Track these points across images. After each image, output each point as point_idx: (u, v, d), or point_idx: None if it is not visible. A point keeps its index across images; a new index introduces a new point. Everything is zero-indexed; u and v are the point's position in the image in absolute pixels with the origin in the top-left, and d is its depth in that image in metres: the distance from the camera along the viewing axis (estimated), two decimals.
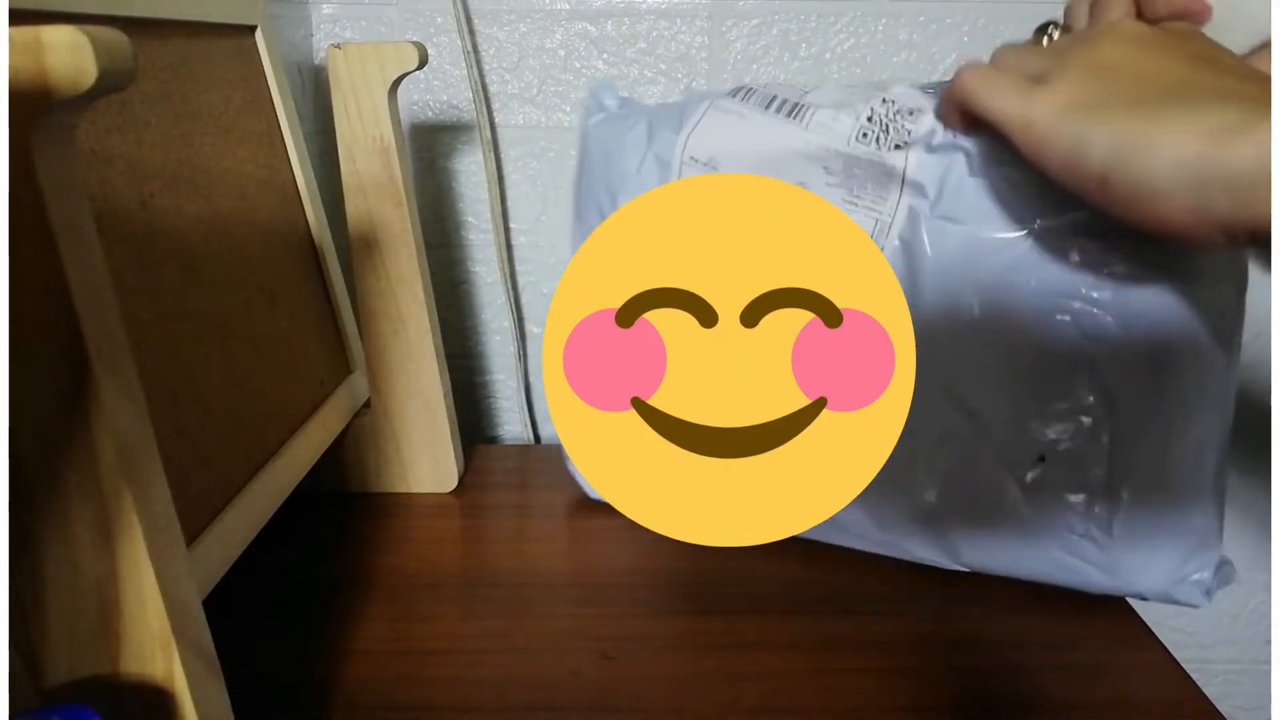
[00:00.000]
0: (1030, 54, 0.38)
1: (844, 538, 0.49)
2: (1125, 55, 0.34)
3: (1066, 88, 0.34)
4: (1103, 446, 0.41)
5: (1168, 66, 0.33)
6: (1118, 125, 0.32)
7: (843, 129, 0.44)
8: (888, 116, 0.43)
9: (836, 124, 0.44)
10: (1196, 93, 0.32)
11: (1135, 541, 0.43)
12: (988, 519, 0.44)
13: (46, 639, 0.28)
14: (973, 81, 0.38)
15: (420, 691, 0.41)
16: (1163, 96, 0.32)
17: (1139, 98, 0.33)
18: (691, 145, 0.47)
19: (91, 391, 0.26)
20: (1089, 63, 0.35)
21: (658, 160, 0.48)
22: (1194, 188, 0.31)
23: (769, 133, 0.45)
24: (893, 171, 0.43)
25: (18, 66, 0.23)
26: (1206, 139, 0.30)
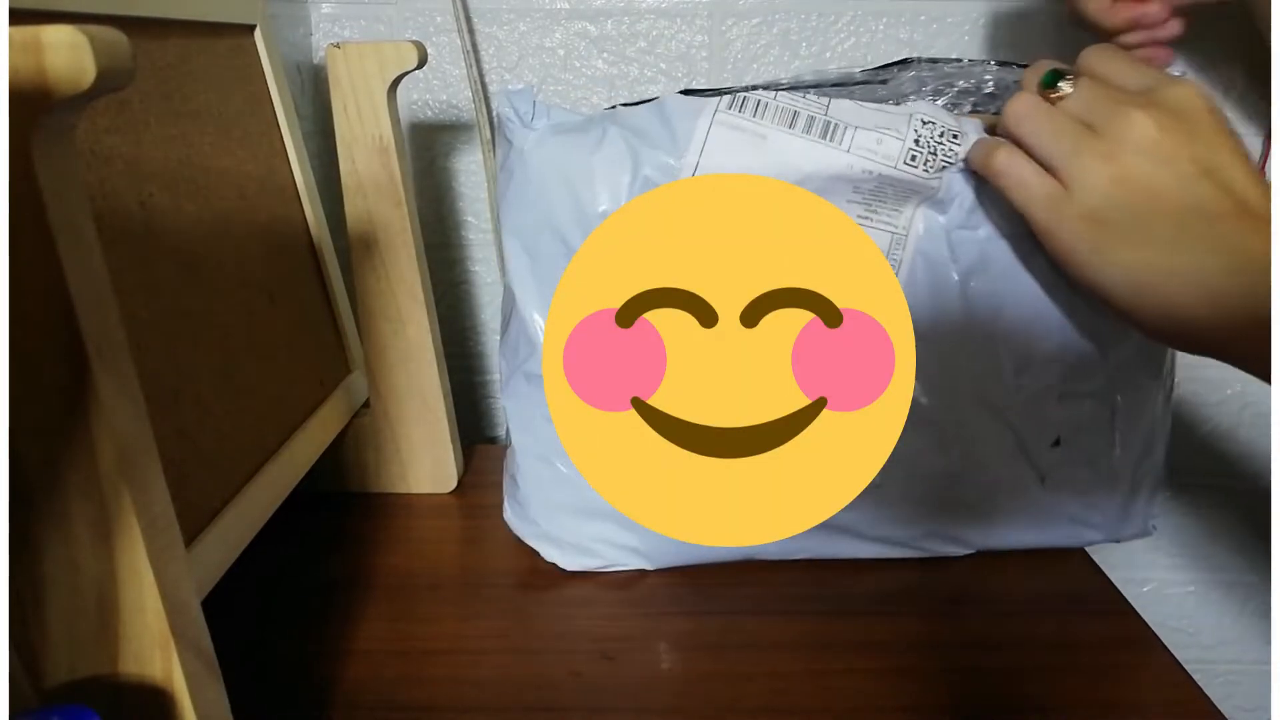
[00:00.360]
0: (1054, 133, 0.38)
1: (853, 546, 0.48)
2: (1160, 184, 0.36)
3: (1092, 206, 0.37)
4: (1106, 423, 0.47)
5: (1179, 189, 0.36)
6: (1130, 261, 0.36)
7: (891, 152, 0.42)
8: (934, 139, 0.43)
9: (883, 147, 0.42)
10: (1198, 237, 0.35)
11: (1126, 499, 0.49)
12: (1008, 504, 0.48)
13: (46, 639, 0.28)
14: (1001, 165, 0.39)
15: (420, 692, 0.41)
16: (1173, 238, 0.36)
17: (1149, 234, 0.36)
18: (703, 170, 0.42)
19: (90, 391, 0.26)
20: (1118, 181, 0.36)
21: (651, 184, 0.43)
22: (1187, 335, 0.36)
23: (804, 156, 0.42)
24: (922, 189, 0.42)
25: (17, 66, 0.22)
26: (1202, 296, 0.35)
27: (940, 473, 0.46)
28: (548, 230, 0.44)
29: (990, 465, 0.46)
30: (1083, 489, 0.48)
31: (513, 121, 0.44)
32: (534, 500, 0.48)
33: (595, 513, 0.46)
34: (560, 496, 0.47)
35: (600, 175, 0.43)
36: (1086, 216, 0.37)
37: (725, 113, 0.43)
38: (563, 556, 0.48)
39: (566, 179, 0.43)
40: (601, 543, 0.47)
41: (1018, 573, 0.49)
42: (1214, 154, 0.36)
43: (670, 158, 0.43)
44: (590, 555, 0.48)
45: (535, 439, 0.47)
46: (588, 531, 0.47)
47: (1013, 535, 0.49)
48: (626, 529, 0.47)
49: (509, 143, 0.44)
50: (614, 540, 0.47)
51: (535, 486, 0.48)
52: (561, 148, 0.43)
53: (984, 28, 0.66)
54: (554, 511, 0.48)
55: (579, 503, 0.46)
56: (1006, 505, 0.48)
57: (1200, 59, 0.67)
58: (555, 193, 0.43)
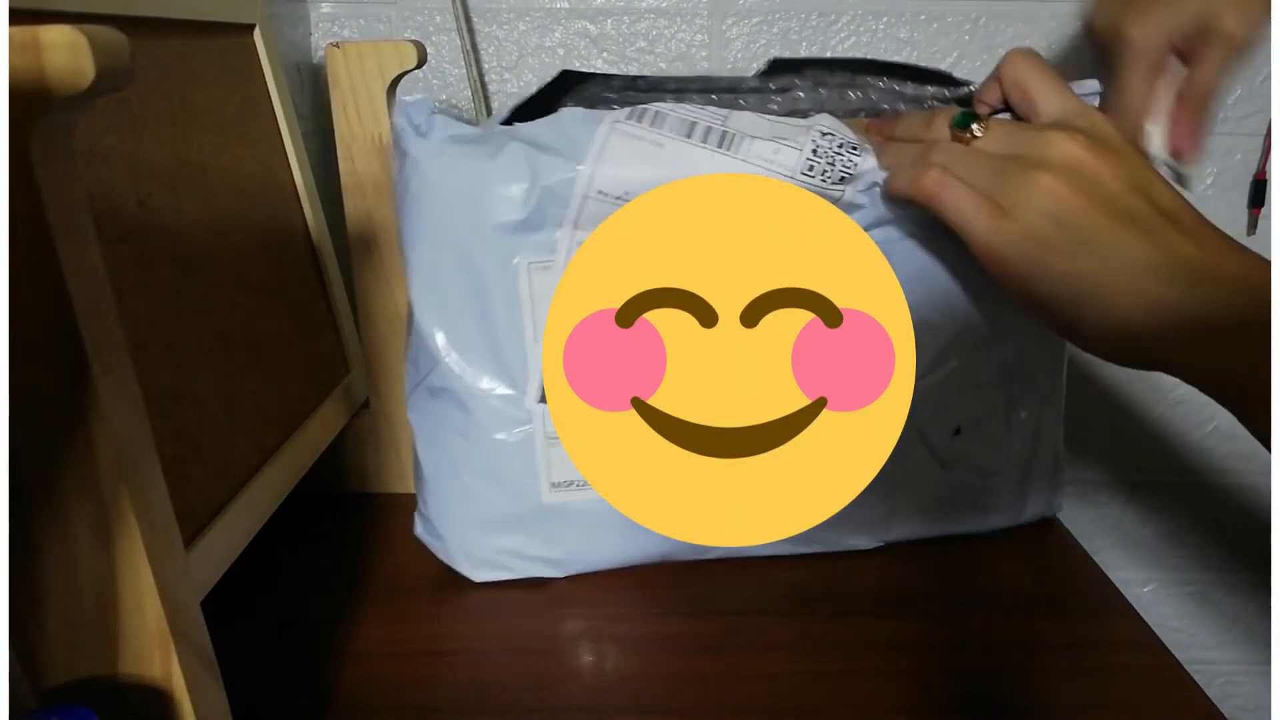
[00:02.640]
0: (981, 160, 0.39)
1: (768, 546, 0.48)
2: (1094, 196, 0.36)
3: (1031, 222, 0.37)
4: (1003, 411, 0.49)
5: (1110, 203, 0.36)
6: (1069, 275, 0.36)
7: (788, 161, 0.41)
8: (832, 150, 0.42)
9: (780, 156, 0.41)
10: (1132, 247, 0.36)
11: (1024, 482, 0.51)
12: (911, 494, 0.49)
13: (45, 640, 0.28)
14: (932, 187, 0.39)
15: (420, 692, 0.41)
16: (1108, 250, 0.36)
17: (1086, 247, 0.36)
18: (600, 178, 0.41)
19: (89, 392, 0.26)
20: (1054, 197, 0.36)
21: (550, 194, 0.42)
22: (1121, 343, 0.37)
23: (699, 164, 0.41)
24: (834, 200, 0.42)
25: (16, 66, 0.22)
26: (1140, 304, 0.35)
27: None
28: (446, 242, 0.43)
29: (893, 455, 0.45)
30: (983, 475, 0.50)
31: (407, 131, 0.43)
32: (441, 515, 0.47)
33: (502, 525, 0.46)
34: (467, 511, 0.47)
35: (498, 185, 0.42)
36: (1025, 234, 0.37)
37: (623, 123, 0.42)
38: (473, 570, 0.48)
39: (463, 190, 0.42)
40: (509, 555, 0.47)
41: (1018, 573, 0.49)
42: (1138, 172, 0.37)
43: (567, 168, 0.41)
44: (499, 568, 0.47)
45: (441, 453, 0.46)
46: (495, 544, 0.47)
47: (918, 525, 0.50)
48: (534, 539, 0.47)
49: (405, 153, 0.43)
50: (522, 551, 0.47)
51: (442, 501, 0.47)
52: (458, 158, 0.42)
53: (984, 27, 0.66)
54: (461, 526, 0.47)
55: (486, 516, 0.46)
56: (910, 495, 0.49)
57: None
58: (452, 204, 0.43)
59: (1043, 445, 0.51)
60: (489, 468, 0.45)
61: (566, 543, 0.47)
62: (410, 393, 0.47)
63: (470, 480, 0.46)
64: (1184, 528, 0.79)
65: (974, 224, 0.38)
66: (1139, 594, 0.81)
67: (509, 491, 0.46)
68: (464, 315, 0.44)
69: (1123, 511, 0.79)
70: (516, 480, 0.45)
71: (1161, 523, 0.79)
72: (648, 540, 0.46)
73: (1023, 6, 0.66)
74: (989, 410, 0.49)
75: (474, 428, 0.45)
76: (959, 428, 0.48)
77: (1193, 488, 0.78)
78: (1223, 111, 0.68)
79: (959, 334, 0.46)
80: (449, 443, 0.46)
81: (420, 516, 0.48)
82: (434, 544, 0.48)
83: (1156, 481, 0.78)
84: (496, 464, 0.45)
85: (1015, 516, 0.52)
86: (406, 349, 0.47)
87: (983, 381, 0.48)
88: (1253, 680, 0.83)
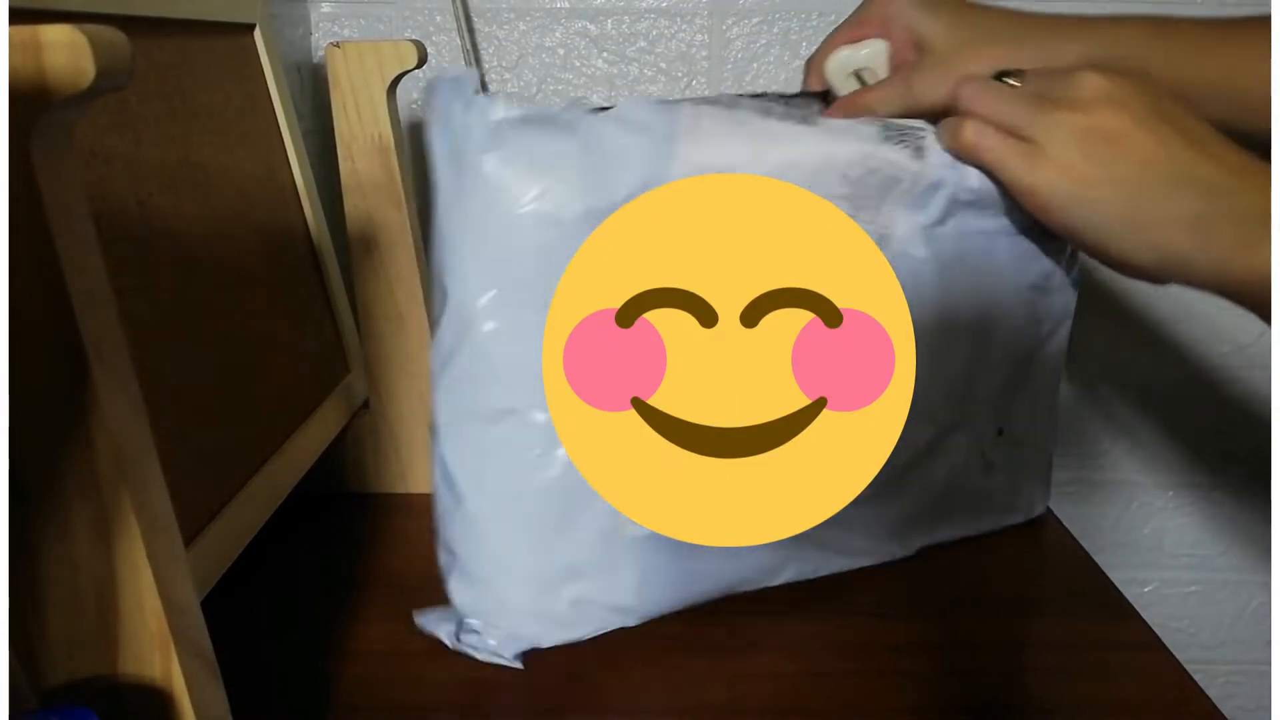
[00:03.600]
0: (1012, 103, 0.40)
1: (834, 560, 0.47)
2: (1122, 128, 0.38)
3: (1066, 159, 0.39)
4: (1038, 411, 0.50)
5: (1140, 131, 0.37)
6: (1109, 204, 0.38)
7: (867, 130, 0.42)
8: (900, 125, 0.43)
9: (859, 127, 0.42)
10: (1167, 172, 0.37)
11: (1040, 478, 0.53)
12: (960, 499, 0.49)
13: (45, 640, 0.28)
14: (970, 136, 0.41)
15: (420, 692, 0.41)
16: (1143, 177, 0.37)
17: (1122, 175, 0.38)
18: (696, 156, 0.38)
19: (89, 392, 0.26)
20: (1085, 132, 0.38)
21: (641, 179, 0.38)
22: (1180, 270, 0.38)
23: (782, 138, 0.40)
24: (902, 177, 0.43)
25: (16, 66, 0.22)
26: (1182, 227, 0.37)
27: (914, 473, 0.47)
28: (508, 235, 0.37)
29: (955, 461, 0.48)
30: (1015, 475, 0.51)
31: (450, 112, 0.37)
32: (500, 571, 0.41)
33: (577, 570, 0.41)
34: (537, 560, 0.41)
35: (583, 170, 0.37)
36: (1061, 168, 0.39)
37: (702, 105, 0.40)
38: (542, 635, 0.41)
39: (537, 177, 0.37)
40: (581, 605, 0.41)
41: (1018, 573, 0.49)
42: (1164, 103, 0.38)
43: (662, 149, 0.38)
44: (568, 626, 0.42)
45: (499, 494, 0.40)
46: (567, 596, 0.41)
47: (955, 529, 0.50)
48: (609, 582, 0.41)
49: (453, 138, 0.37)
50: (595, 599, 0.42)
51: (503, 552, 0.41)
52: (531, 140, 0.37)
53: None
54: (524, 582, 0.41)
55: (561, 561, 0.41)
56: (959, 500, 0.49)
57: None
58: (518, 194, 0.37)
59: (1051, 438, 0.53)
60: (569, 503, 0.40)
61: (644, 584, 0.42)
62: (450, 425, 0.40)
63: (544, 520, 0.40)
64: (1184, 527, 0.79)
65: (1009, 164, 0.40)
66: (1139, 594, 0.81)
67: (590, 529, 0.40)
68: (533, 330, 0.38)
69: (1122, 511, 0.79)
70: (599, 514, 0.40)
71: (1161, 523, 0.79)
72: (733, 570, 0.43)
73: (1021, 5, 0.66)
74: (1026, 410, 0.49)
75: (550, 457, 0.39)
76: (1001, 428, 0.49)
77: (1193, 488, 0.78)
78: None
79: (1015, 330, 0.47)
80: (515, 479, 0.40)
81: (460, 579, 0.41)
82: (484, 608, 0.41)
83: (1157, 481, 0.78)
84: (580, 498, 0.40)
85: (1027, 513, 0.53)
86: (443, 369, 0.39)
87: (1023, 380, 0.48)
88: (1253, 680, 0.83)
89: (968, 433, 0.48)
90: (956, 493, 0.49)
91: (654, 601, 0.43)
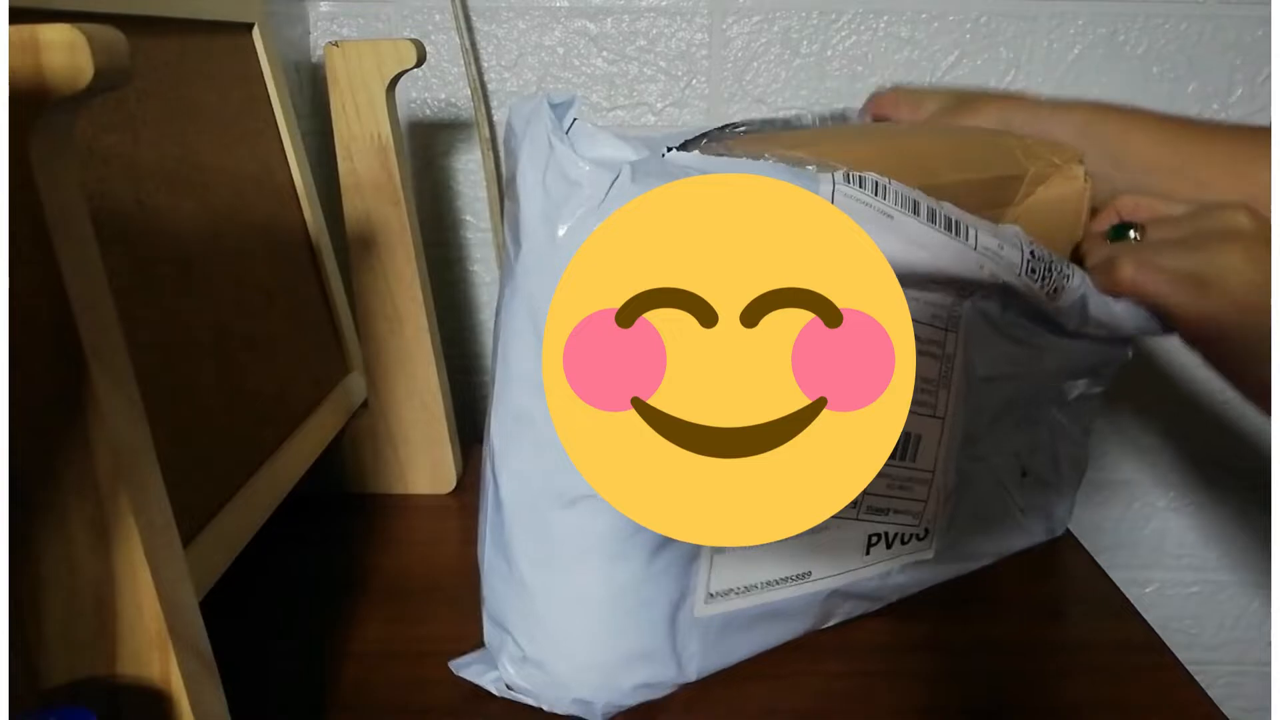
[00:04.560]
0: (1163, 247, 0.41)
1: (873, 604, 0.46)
2: (1263, 256, 0.38)
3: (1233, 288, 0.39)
4: (1054, 452, 0.50)
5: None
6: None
7: (1013, 259, 0.40)
8: (1045, 262, 0.41)
9: (1005, 252, 0.40)
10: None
11: (1067, 501, 0.53)
12: (994, 540, 0.49)
13: (44, 640, 0.28)
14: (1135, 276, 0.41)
15: (419, 692, 0.41)
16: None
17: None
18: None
19: (88, 392, 0.26)
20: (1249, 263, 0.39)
21: None
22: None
23: (930, 243, 0.39)
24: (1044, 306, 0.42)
25: (15, 65, 0.22)
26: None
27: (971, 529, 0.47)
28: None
29: (993, 509, 0.48)
30: (1044, 509, 0.51)
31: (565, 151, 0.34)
32: (562, 655, 0.39)
33: (645, 656, 0.39)
34: (604, 647, 0.39)
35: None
36: (1232, 302, 0.39)
37: (844, 186, 0.38)
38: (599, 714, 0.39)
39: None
40: (644, 689, 0.40)
41: (1020, 575, 0.49)
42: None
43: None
44: (628, 702, 0.40)
45: (567, 577, 0.37)
46: (633, 680, 0.39)
47: (980, 563, 0.50)
48: (672, 662, 0.40)
49: (565, 180, 0.35)
50: (659, 681, 0.40)
51: (566, 639, 0.39)
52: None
53: (984, 26, 0.66)
54: (591, 669, 0.39)
55: (628, 649, 0.39)
56: (1003, 546, 0.50)
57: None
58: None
59: (1081, 465, 0.52)
60: (642, 591, 0.38)
61: (705, 654, 0.41)
62: (526, 503, 0.38)
63: (615, 611, 0.38)
64: (1184, 528, 0.79)
65: (1181, 301, 0.40)
66: (1140, 594, 0.81)
67: (657, 614, 0.39)
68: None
69: (1123, 512, 0.79)
70: (670, 598, 0.39)
71: (1161, 523, 0.79)
72: (785, 629, 0.43)
73: (1023, 6, 0.66)
74: (1045, 451, 0.49)
75: (629, 545, 0.37)
76: (1024, 469, 0.49)
77: (1193, 488, 0.78)
78: (1224, 111, 0.68)
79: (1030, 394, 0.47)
80: (584, 564, 0.38)
81: (518, 662, 0.39)
82: (542, 695, 0.39)
83: (1157, 482, 0.78)
84: (652, 586, 0.38)
85: (1050, 534, 0.53)
86: (510, 445, 0.38)
87: (1038, 417, 0.48)
88: (1253, 680, 0.83)
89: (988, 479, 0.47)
90: (990, 538, 0.49)
91: (713, 667, 0.42)
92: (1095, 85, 0.68)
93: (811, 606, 0.43)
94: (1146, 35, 0.67)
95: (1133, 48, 0.67)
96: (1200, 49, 0.67)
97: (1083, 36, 0.67)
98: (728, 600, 0.40)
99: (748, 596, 0.41)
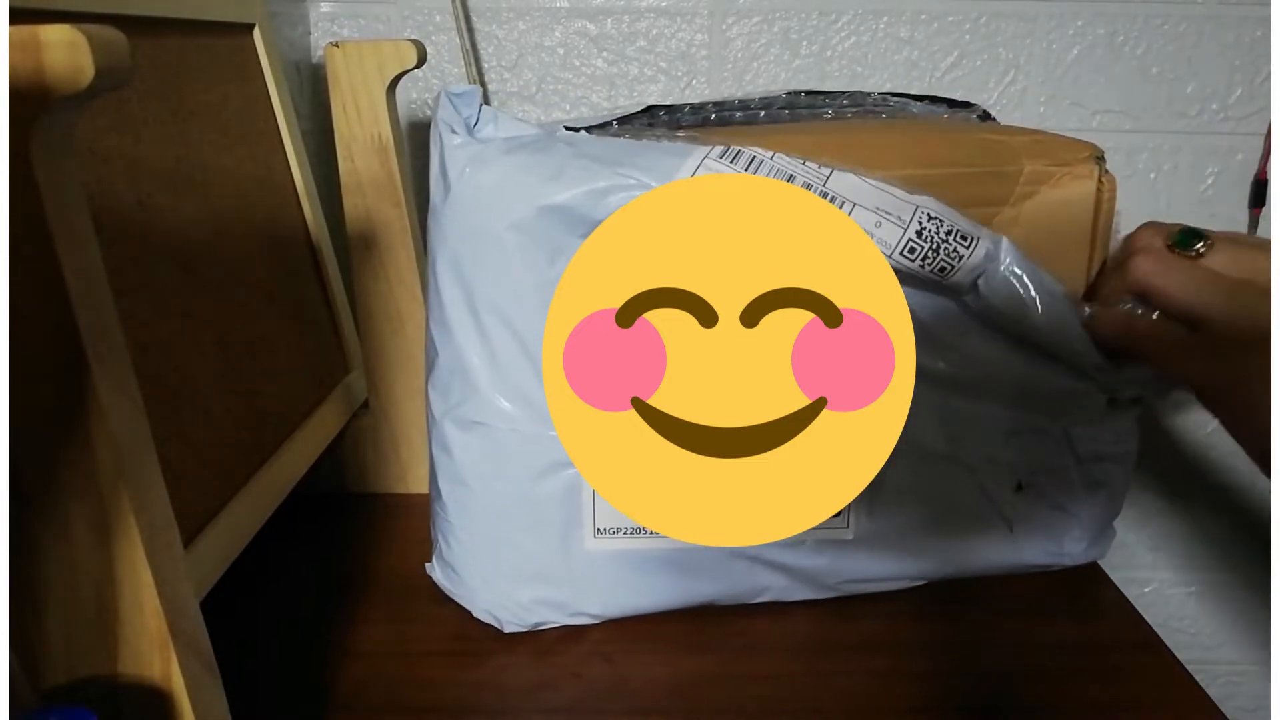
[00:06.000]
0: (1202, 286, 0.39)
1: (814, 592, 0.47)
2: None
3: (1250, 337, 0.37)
4: (1064, 459, 0.47)
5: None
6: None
7: (889, 239, 0.40)
8: (938, 236, 0.40)
9: (881, 231, 0.40)
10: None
11: (1097, 529, 0.50)
12: (980, 555, 0.48)
13: (44, 640, 0.28)
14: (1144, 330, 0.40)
15: (420, 692, 0.41)
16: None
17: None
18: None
19: (89, 392, 0.26)
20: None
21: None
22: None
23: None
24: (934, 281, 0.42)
25: (16, 65, 0.22)
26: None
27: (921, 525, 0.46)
28: (489, 257, 0.40)
29: (963, 513, 0.46)
30: (1052, 532, 0.48)
31: (454, 130, 0.39)
32: (469, 565, 0.44)
33: (540, 578, 0.44)
34: (500, 562, 0.43)
35: (562, 201, 0.39)
36: (1251, 350, 0.37)
37: (713, 161, 0.40)
38: (504, 622, 0.44)
39: (518, 201, 0.39)
40: (545, 606, 0.44)
41: (1019, 574, 0.49)
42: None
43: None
44: (532, 620, 0.44)
45: (470, 495, 0.43)
46: (530, 596, 0.44)
47: (953, 569, 0.48)
48: (573, 592, 0.44)
49: (446, 152, 0.40)
50: (559, 604, 0.44)
51: (471, 550, 0.44)
52: (515, 167, 0.39)
53: (984, 26, 0.66)
54: (493, 578, 0.44)
55: (522, 568, 0.43)
56: (979, 556, 0.47)
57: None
58: (502, 215, 0.39)
59: (1114, 489, 0.50)
60: (528, 515, 0.43)
61: (608, 593, 0.44)
62: (436, 423, 0.43)
63: (505, 528, 0.43)
64: (1184, 528, 0.79)
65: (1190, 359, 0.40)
66: (1139, 594, 0.81)
67: (549, 542, 0.43)
68: (506, 342, 0.41)
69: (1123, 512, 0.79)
70: (558, 529, 0.43)
71: (1162, 523, 0.79)
72: (692, 585, 0.44)
73: (1023, 6, 0.66)
74: (1050, 460, 0.47)
75: (513, 469, 0.42)
76: (1020, 483, 0.47)
77: (1193, 488, 0.78)
78: (1223, 111, 0.68)
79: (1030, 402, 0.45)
80: (482, 485, 0.42)
81: (440, 562, 0.45)
82: (459, 593, 0.45)
83: (1156, 482, 0.78)
84: (536, 511, 0.42)
85: (1079, 559, 0.50)
86: (431, 372, 0.43)
87: (1030, 426, 0.46)
88: (1253, 680, 0.83)
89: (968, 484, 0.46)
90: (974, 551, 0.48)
91: (620, 608, 0.45)
92: (1095, 85, 0.68)
93: (719, 566, 0.44)
94: (1146, 35, 0.67)
95: (1132, 48, 0.67)
96: (1200, 49, 0.67)
97: (1082, 37, 0.67)
98: (616, 539, 0.43)
99: (635, 540, 0.43)
